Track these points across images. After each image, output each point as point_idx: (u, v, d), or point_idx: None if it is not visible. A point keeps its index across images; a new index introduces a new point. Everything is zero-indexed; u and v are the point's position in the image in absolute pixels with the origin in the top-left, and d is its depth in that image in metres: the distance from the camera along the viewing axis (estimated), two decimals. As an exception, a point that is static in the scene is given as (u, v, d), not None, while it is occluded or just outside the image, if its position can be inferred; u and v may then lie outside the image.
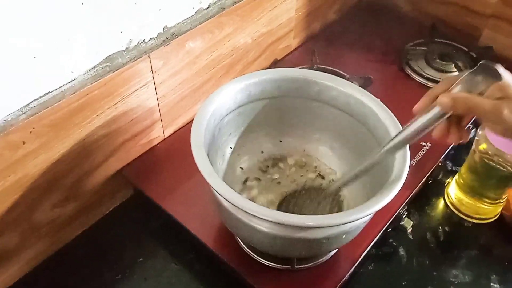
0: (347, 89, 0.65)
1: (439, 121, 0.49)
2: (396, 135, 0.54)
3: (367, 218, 0.58)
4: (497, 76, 0.45)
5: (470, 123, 0.79)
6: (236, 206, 0.51)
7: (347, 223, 0.51)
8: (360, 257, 0.66)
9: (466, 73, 0.47)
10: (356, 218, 0.50)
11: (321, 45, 1.02)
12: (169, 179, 0.75)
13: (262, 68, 0.95)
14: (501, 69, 0.45)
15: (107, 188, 0.75)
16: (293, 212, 0.62)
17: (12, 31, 0.52)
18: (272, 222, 0.51)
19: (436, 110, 0.48)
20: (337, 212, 0.62)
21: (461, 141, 0.50)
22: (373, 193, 0.53)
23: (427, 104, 0.50)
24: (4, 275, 0.66)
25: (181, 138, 0.82)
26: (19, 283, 0.68)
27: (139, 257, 0.71)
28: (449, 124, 0.49)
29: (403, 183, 0.53)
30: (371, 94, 0.64)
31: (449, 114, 0.48)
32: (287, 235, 0.54)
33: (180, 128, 0.84)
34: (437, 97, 0.48)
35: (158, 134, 0.80)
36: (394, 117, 0.61)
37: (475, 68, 0.46)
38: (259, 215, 0.50)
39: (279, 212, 0.50)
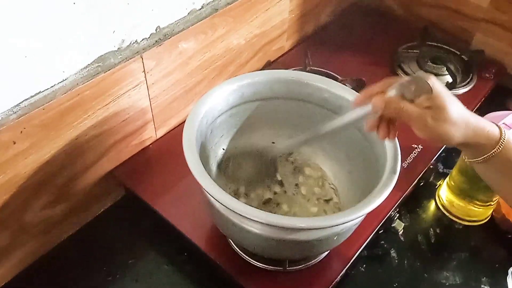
0: (339, 91, 0.66)
1: (371, 117, 0.53)
2: (332, 122, 0.57)
3: (358, 220, 0.58)
4: (428, 90, 0.49)
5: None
6: (227, 207, 0.51)
7: (338, 225, 0.51)
8: (351, 258, 0.66)
9: (403, 80, 0.50)
10: (346, 220, 0.50)
11: (314, 47, 1.02)
12: (161, 180, 0.75)
13: (255, 70, 0.95)
14: (433, 81, 0.49)
15: (99, 189, 0.74)
16: (235, 173, 0.67)
17: (3, 30, 0.52)
18: (263, 223, 0.51)
19: (369, 107, 0.52)
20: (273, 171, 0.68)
21: (388, 138, 0.54)
22: (364, 195, 0.53)
23: (364, 100, 0.53)
24: (-6, 276, 0.66)
25: (173, 139, 0.82)
26: (10, 283, 0.68)
27: (130, 258, 0.70)
28: (380, 121, 0.53)
29: (393, 186, 0.53)
30: (363, 96, 0.64)
31: (379, 113, 0.52)
32: (278, 236, 0.54)
33: (172, 129, 0.83)
34: (374, 95, 0.52)
35: (150, 135, 0.80)
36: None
37: (410, 78, 0.50)
38: (250, 216, 0.50)
39: (270, 213, 0.50)
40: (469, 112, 0.51)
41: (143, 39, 0.69)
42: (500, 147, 0.51)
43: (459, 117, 0.49)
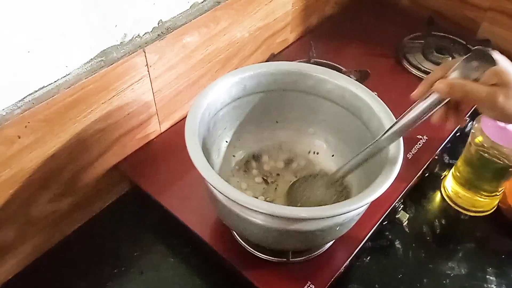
0: (342, 83, 0.65)
1: (437, 107, 0.50)
2: (396, 122, 0.54)
3: (361, 210, 0.58)
4: (492, 62, 0.45)
5: (467, 115, 0.79)
6: (230, 199, 0.51)
7: (340, 214, 0.51)
8: (355, 250, 0.66)
9: (462, 59, 0.48)
10: (348, 210, 0.50)
11: (318, 39, 1.01)
12: (166, 173, 0.75)
13: (258, 63, 0.95)
14: (496, 55, 0.46)
15: (104, 183, 0.75)
16: (301, 201, 0.65)
17: (6, 25, 0.52)
18: (265, 214, 0.51)
19: (434, 97, 0.49)
20: (345, 198, 0.63)
21: (458, 126, 0.51)
22: (366, 186, 0.53)
23: (425, 90, 0.50)
24: (2, 270, 0.66)
25: (177, 133, 0.81)
26: (16, 277, 0.68)
27: (135, 251, 0.71)
28: (447, 109, 0.51)
29: (395, 176, 0.53)
30: (365, 87, 0.64)
31: (446, 100, 0.49)
32: (280, 227, 0.54)
33: (176, 123, 0.84)
34: (434, 83, 0.48)
35: (155, 128, 0.80)
36: (389, 110, 0.61)
37: (470, 53, 0.47)
38: (253, 207, 0.50)
39: (272, 204, 0.51)
40: None
41: (145, 33, 0.69)
42: None
43: None
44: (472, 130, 0.72)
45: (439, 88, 0.48)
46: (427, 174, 0.80)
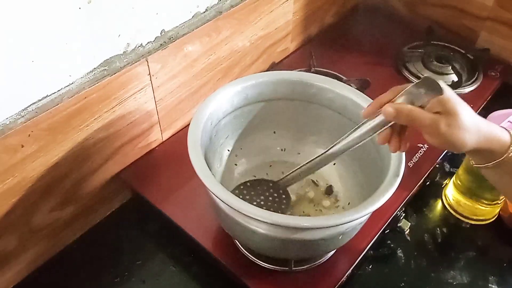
0: (343, 91, 0.66)
1: (384, 128, 0.52)
2: (341, 139, 0.56)
3: (363, 219, 0.58)
4: (439, 91, 0.47)
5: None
6: (232, 208, 0.51)
7: (342, 224, 0.52)
8: (357, 258, 0.66)
9: (411, 85, 0.49)
10: (350, 219, 0.50)
11: (318, 48, 1.02)
12: (168, 182, 0.76)
13: (260, 71, 0.95)
14: (442, 85, 0.48)
15: (106, 191, 0.75)
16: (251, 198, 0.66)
17: (11, 35, 0.52)
18: (267, 223, 0.51)
19: (380, 118, 0.51)
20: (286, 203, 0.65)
21: (400, 151, 0.53)
22: (369, 195, 0.53)
23: (374, 110, 0.52)
24: (3, 278, 0.66)
25: (179, 141, 0.82)
26: (19, 285, 0.68)
27: (137, 260, 0.71)
28: (392, 132, 0.52)
29: (397, 185, 0.53)
30: (367, 96, 0.65)
31: (391, 123, 0.51)
32: (283, 236, 0.54)
33: (178, 131, 0.84)
34: (384, 105, 0.50)
35: (156, 137, 0.80)
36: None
37: (418, 81, 0.49)
38: (255, 216, 0.50)
39: (275, 213, 0.51)
40: (479, 117, 0.50)
41: (148, 43, 0.69)
42: (511, 152, 0.50)
43: (472, 123, 0.48)
44: (472, 139, 0.72)
45: (387, 111, 0.49)
46: (428, 183, 0.80)
